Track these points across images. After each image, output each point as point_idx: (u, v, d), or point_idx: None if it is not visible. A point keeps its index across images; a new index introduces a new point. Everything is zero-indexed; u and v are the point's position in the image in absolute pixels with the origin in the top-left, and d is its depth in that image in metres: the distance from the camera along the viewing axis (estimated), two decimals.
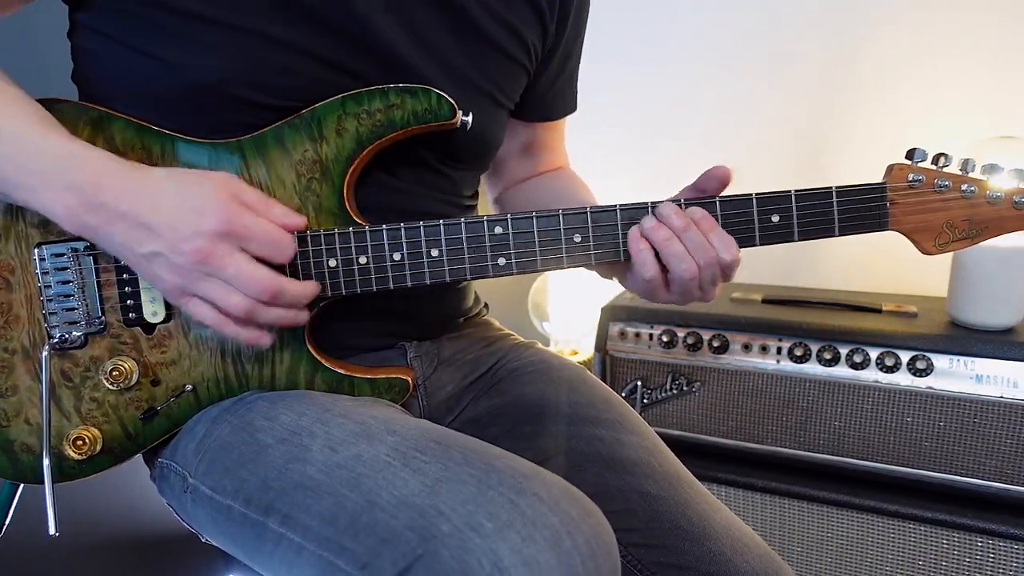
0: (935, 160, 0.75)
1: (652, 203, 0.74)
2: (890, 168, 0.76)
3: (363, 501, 0.59)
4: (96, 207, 0.64)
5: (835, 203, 0.74)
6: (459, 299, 0.94)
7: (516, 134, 1.03)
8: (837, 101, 1.65)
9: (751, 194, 0.74)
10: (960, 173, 0.75)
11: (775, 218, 0.75)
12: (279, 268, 0.68)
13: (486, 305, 1.04)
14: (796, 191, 0.75)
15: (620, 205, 0.74)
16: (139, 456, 0.84)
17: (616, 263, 0.77)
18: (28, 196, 0.66)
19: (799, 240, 0.76)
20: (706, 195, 0.75)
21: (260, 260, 0.66)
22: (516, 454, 0.84)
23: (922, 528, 1.23)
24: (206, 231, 0.63)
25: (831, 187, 0.75)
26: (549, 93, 0.99)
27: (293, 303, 0.69)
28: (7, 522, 0.86)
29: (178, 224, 0.64)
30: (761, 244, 0.76)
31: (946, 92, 1.54)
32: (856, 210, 0.75)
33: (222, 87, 0.72)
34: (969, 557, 1.20)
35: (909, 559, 1.25)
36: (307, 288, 0.70)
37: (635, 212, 0.74)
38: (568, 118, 1.06)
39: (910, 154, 0.75)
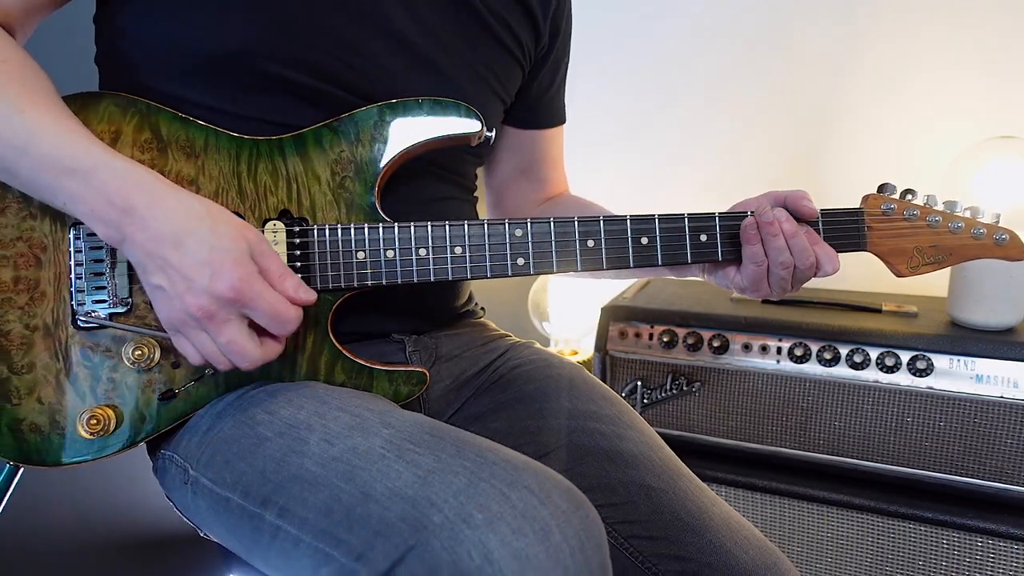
0: (902, 195, 0.83)
1: (659, 215, 0.80)
2: (865, 198, 0.84)
3: (358, 493, 0.59)
4: (125, 223, 0.64)
5: (820, 223, 0.82)
6: (452, 295, 0.96)
7: (514, 150, 1.07)
8: (837, 105, 1.66)
9: (746, 212, 0.81)
10: (926, 206, 0.83)
11: None
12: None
13: (483, 308, 1.07)
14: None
15: (631, 216, 0.80)
16: (140, 456, 0.84)
17: (711, 263, 0.84)
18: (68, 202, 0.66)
19: None
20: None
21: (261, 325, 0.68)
22: (518, 449, 0.85)
23: (922, 528, 1.23)
24: (215, 292, 0.64)
25: (817, 208, 0.82)
26: (540, 102, 1.03)
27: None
28: (1, 507, 0.84)
29: (192, 275, 0.64)
30: None
31: (946, 94, 1.55)
32: (839, 230, 0.83)
33: (247, 57, 0.74)
34: (969, 557, 1.21)
35: (909, 559, 1.25)
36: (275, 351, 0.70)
37: (644, 222, 0.80)
38: (565, 142, 1.10)
39: (882, 188, 0.83)
